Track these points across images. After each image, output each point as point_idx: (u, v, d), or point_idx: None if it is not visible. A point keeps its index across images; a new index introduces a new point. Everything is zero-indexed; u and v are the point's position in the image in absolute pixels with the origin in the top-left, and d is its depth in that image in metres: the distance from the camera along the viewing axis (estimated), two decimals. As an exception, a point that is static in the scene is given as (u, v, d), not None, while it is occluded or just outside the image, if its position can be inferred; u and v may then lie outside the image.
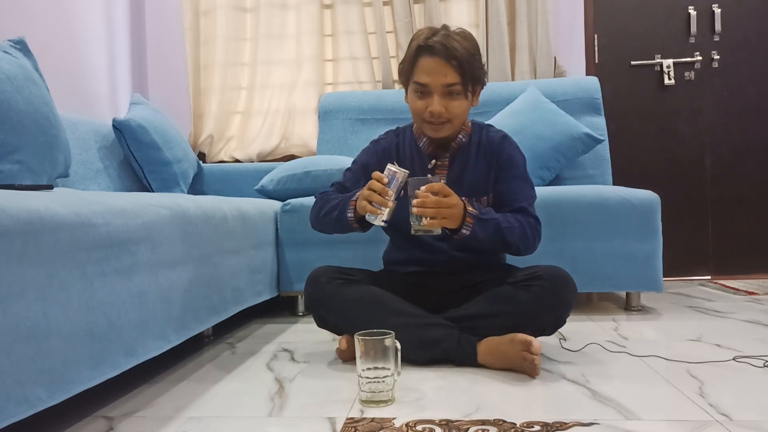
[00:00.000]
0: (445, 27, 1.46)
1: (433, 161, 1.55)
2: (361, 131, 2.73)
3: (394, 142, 1.61)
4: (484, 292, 1.47)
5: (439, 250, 1.54)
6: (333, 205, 1.48)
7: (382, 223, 1.34)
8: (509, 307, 1.38)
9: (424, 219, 1.31)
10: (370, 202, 1.32)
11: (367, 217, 1.35)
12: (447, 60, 1.39)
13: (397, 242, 1.64)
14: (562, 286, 1.39)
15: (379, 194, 1.31)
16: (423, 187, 1.31)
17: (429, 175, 1.48)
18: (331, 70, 3.03)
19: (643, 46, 2.96)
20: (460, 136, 1.54)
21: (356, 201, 1.39)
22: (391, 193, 1.32)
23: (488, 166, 1.53)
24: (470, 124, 1.57)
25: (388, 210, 1.32)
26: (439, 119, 1.44)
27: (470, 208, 1.37)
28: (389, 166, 1.34)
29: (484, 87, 1.53)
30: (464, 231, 1.36)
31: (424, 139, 1.55)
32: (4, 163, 1.45)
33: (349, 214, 1.42)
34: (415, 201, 1.31)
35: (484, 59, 1.55)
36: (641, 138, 2.97)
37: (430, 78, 1.42)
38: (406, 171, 1.34)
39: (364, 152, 1.64)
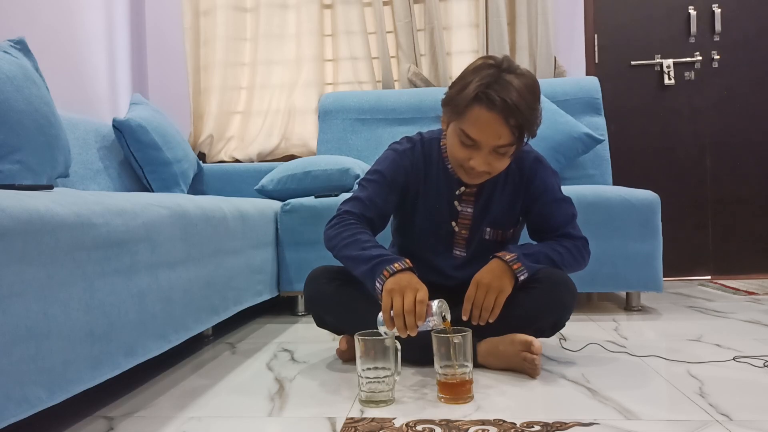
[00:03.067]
0: (509, 66, 1.27)
1: (462, 188, 1.45)
2: (361, 131, 2.73)
3: (421, 155, 1.47)
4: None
5: (447, 275, 1.49)
6: (358, 254, 1.31)
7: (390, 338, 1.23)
8: (509, 309, 1.37)
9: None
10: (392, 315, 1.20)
11: (379, 326, 1.24)
12: (505, 119, 1.23)
13: (402, 253, 1.59)
14: (562, 289, 1.39)
15: (406, 324, 1.19)
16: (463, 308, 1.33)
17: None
18: (331, 70, 3.03)
19: (643, 46, 2.96)
20: None
21: (387, 277, 1.24)
22: (416, 332, 1.20)
23: (515, 195, 1.46)
24: None
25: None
26: (480, 174, 1.33)
27: (507, 256, 1.34)
28: (435, 307, 1.20)
29: None
30: (521, 277, 1.33)
31: None
32: (4, 163, 1.45)
33: (378, 285, 1.25)
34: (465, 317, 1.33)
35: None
36: (641, 138, 2.97)
37: (481, 135, 1.26)
38: (443, 323, 1.21)
39: (389, 162, 1.47)
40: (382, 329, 1.23)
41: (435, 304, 1.21)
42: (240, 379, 1.40)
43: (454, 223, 1.48)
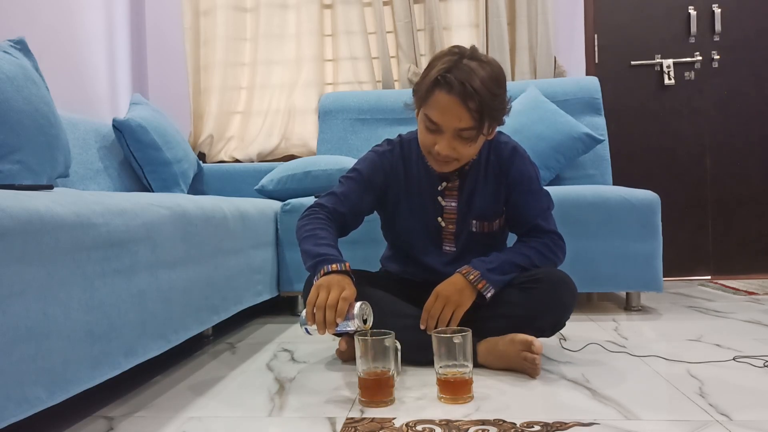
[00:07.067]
0: (472, 53, 1.31)
1: (444, 183, 1.47)
2: (361, 131, 2.73)
3: (400, 156, 1.51)
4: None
5: (439, 272, 1.48)
6: (309, 249, 1.34)
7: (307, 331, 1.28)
8: (508, 309, 1.37)
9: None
10: (314, 307, 1.21)
11: (300, 324, 1.28)
12: (463, 102, 1.25)
13: (397, 255, 1.62)
14: (562, 289, 1.39)
15: (326, 318, 1.20)
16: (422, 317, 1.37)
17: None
18: (331, 70, 3.03)
19: (643, 46, 2.96)
20: None
21: (321, 275, 1.26)
22: (333, 330, 1.22)
23: (497, 186, 1.47)
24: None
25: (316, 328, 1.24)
26: (446, 159, 1.35)
27: (471, 275, 1.35)
28: (356, 309, 1.21)
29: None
30: (487, 294, 1.35)
31: None
32: (4, 163, 1.45)
33: (315, 281, 1.27)
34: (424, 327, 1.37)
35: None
36: (641, 138, 2.97)
37: (442, 118, 1.29)
38: (364, 326, 1.22)
39: (368, 163, 1.50)
40: (303, 327, 1.26)
41: (357, 306, 1.22)
42: (240, 379, 1.40)
43: (439, 219, 1.50)
